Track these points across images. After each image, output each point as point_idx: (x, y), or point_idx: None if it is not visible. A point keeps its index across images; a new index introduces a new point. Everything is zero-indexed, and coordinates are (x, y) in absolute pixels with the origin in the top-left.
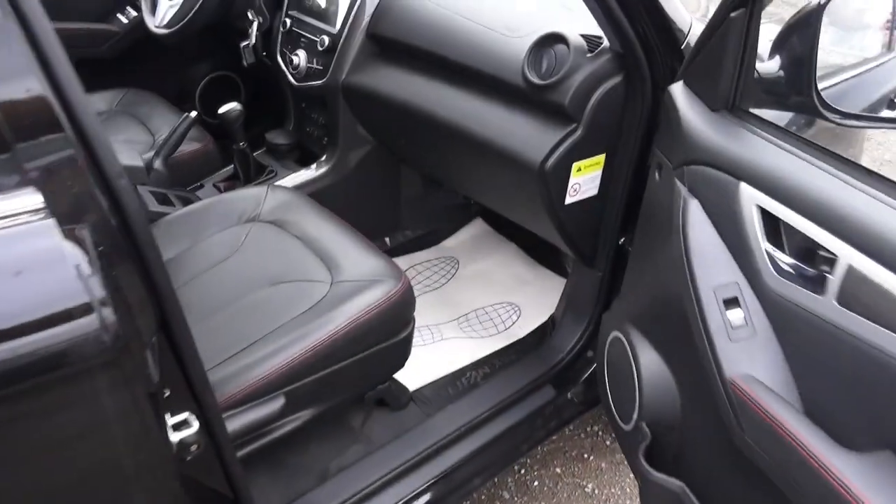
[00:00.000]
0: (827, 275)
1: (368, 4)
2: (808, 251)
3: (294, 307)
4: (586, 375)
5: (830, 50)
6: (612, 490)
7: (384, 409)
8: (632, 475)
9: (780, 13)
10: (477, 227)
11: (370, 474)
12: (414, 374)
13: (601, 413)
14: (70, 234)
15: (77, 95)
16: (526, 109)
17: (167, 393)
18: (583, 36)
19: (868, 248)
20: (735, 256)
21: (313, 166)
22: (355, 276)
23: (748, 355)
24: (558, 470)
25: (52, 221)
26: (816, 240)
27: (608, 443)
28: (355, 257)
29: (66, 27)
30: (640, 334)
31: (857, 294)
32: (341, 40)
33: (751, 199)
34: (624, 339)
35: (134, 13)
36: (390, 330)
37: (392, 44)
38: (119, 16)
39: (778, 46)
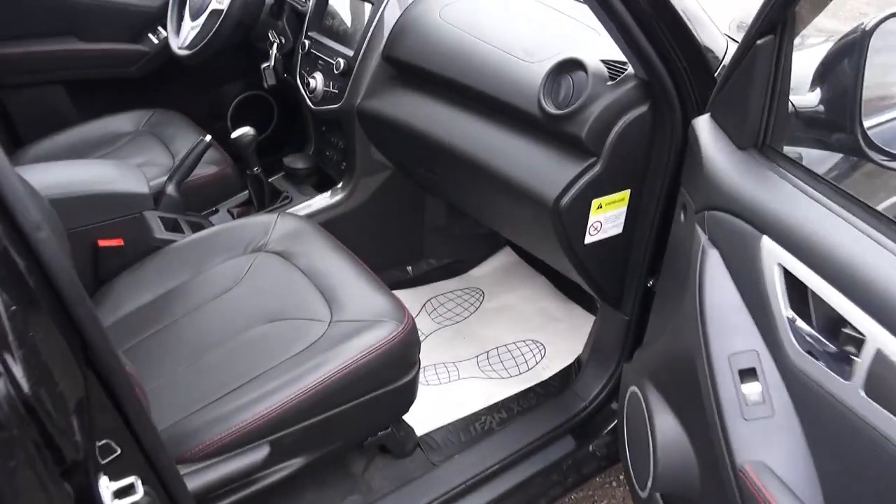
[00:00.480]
0: (854, 357)
1: (386, 26)
2: (835, 324)
3: (289, 347)
4: (610, 427)
5: (880, 83)
6: None
7: (387, 455)
8: None
9: (817, 39)
10: (506, 257)
11: None
12: (423, 417)
13: (617, 487)
14: None
15: None
16: (542, 141)
17: (116, 453)
18: (604, 62)
19: None
20: (756, 320)
21: (328, 193)
22: (356, 316)
23: (764, 438)
24: None
25: None
26: (843, 314)
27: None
28: (359, 294)
29: (94, 48)
30: (657, 392)
31: (885, 384)
32: (357, 63)
33: (773, 256)
34: (641, 396)
35: (164, 33)
36: (391, 374)
37: (407, 67)
38: (150, 35)
39: (819, 77)
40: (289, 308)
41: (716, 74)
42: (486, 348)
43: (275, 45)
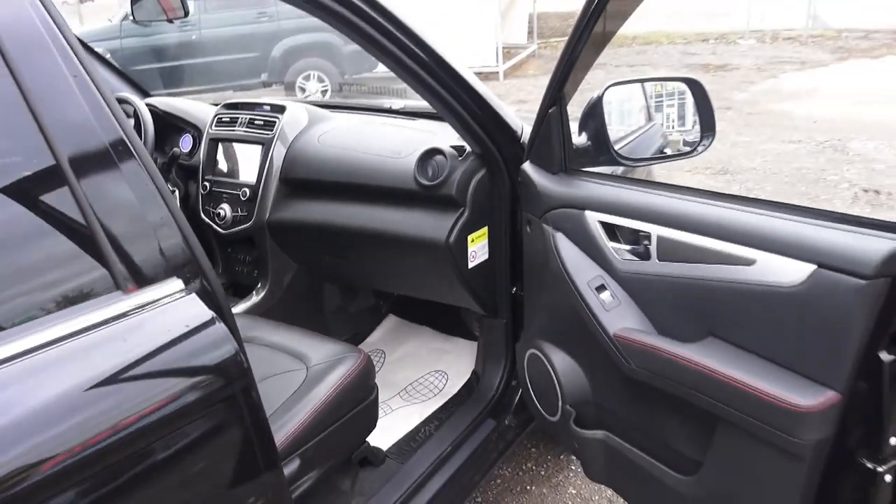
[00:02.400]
0: (648, 247)
1: (276, 157)
2: (633, 238)
3: (283, 393)
4: (515, 402)
5: (618, 123)
6: None
7: (368, 467)
8: (571, 490)
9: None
10: (391, 322)
11: None
12: (381, 438)
13: (532, 449)
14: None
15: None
16: (423, 206)
17: None
18: (452, 147)
19: (665, 222)
20: (594, 259)
21: (252, 295)
22: (324, 358)
23: (619, 317)
24: (508, 501)
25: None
26: (637, 229)
27: (542, 472)
28: (318, 345)
29: None
30: (549, 344)
31: (665, 250)
32: (260, 189)
33: (593, 219)
34: (539, 353)
35: None
36: (361, 395)
37: (303, 183)
38: None
39: (581, 126)
40: (270, 370)
41: (521, 141)
42: (403, 386)
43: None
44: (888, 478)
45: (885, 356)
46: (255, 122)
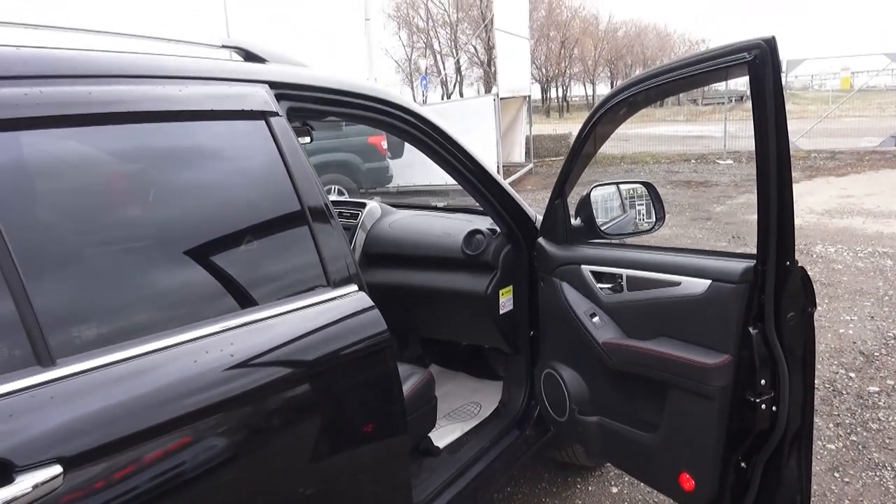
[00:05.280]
0: (621, 283)
1: (359, 240)
2: (612, 280)
3: None
4: (534, 417)
5: (600, 208)
6: None
7: (428, 457)
8: (577, 502)
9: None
10: (434, 369)
11: (436, 481)
12: (437, 440)
13: (545, 474)
14: None
15: None
16: (468, 270)
17: None
18: (489, 229)
19: (631, 266)
20: (587, 297)
21: None
22: (403, 372)
23: (605, 331)
24: None
25: None
26: (614, 273)
27: (554, 490)
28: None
29: None
30: (559, 363)
31: (632, 284)
32: None
33: (586, 270)
34: (552, 371)
35: None
36: (426, 400)
37: (380, 256)
38: None
39: (576, 214)
40: None
41: (535, 224)
42: (446, 412)
43: None
44: (763, 406)
45: (752, 330)
46: (343, 213)
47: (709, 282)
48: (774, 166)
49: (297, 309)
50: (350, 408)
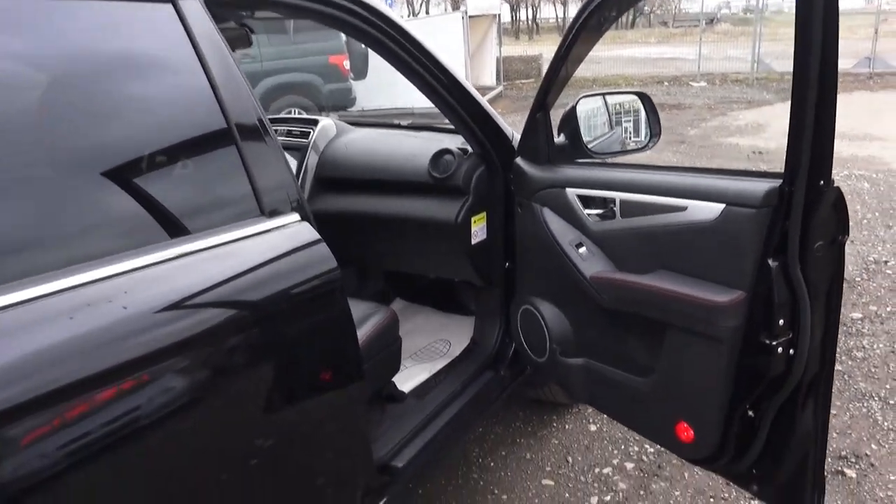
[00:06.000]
0: (613, 209)
1: (310, 162)
2: (603, 204)
3: None
4: (509, 357)
5: (587, 126)
6: (544, 453)
7: (392, 402)
8: (553, 441)
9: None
10: (398, 304)
11: (401, 432)
12: (401, 383)
13: (520, 413)
14: None
15: None
16: (435, 195)
17: None
18: (459, 148)
19: (625, 189)
20: (573, 224)
21: None
22: (361, 312)
23: (593, 264)
24: (503, 452)
25: None
26: (605, 197)
27: (529, 429)
28: (355, 304)
29: None
30: (538, 299)
31: (626, 210)
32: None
33: (572, 194)
34: (530, 307)
35: None
36: (388, 342)
37: (335, 180)
38: None
39: (560, 129)
40: None
41: (512, 143)
42: (413, 352)
43: None
44: (780, 350)
45: (771, 263)
46: (293, 132)
47: (722, 206)
48: (816, 68)
49: (216, 245)
50: (291, 357)
